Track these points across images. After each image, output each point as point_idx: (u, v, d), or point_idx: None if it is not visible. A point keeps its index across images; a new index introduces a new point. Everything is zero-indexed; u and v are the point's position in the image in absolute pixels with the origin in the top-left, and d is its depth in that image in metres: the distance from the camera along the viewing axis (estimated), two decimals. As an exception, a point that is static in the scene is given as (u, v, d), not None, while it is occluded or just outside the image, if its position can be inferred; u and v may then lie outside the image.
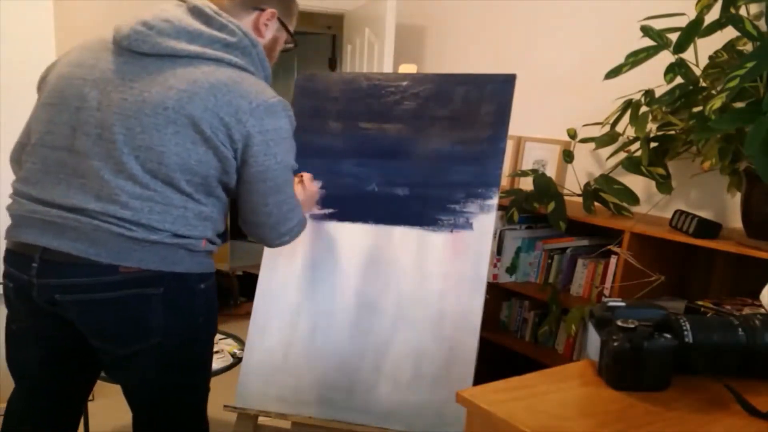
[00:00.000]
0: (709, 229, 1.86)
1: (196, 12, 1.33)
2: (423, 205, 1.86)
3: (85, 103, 1.29)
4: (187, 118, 1.25)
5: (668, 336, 0.99)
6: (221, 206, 1.39)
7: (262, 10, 1.41)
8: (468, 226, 1.80)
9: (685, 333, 1.01)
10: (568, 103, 2.65)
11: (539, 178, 2.31)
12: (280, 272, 1.92)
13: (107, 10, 3.20)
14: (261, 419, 1.88)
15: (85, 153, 1.28)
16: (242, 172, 1.34)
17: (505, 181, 2.67)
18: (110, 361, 1.40)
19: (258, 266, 1.95)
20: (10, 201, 1.38)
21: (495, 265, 2.45)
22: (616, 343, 0.98)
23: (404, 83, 1.98)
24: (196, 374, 1.47)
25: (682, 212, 1.95)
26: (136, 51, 1.29)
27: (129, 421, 1.48)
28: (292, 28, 1.51)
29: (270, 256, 1.94)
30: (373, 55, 3.23)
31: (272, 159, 1.32)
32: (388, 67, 3.09)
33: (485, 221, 1.80)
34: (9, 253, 1.37)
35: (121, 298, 1.30)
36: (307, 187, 1.72)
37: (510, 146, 2.77)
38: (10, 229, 1.36)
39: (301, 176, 1.72)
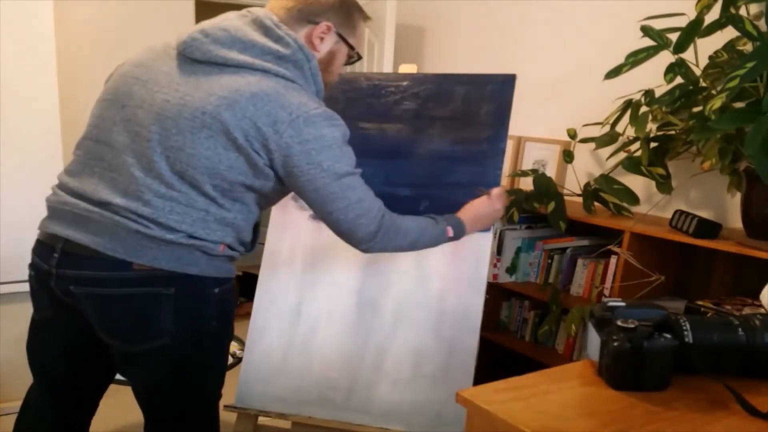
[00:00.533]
0: (709, 229, 1.86)
1: (257, 23, 1.34)
2: (423, 205, 1.86)
3: (131, 101, 1.32)
4: (221, 124, 1.26)
5: (668, 336, 0.99)
6: (248, 214, 1.39)
7: (317, 23, 1.39)
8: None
9: (685, 333, 1.01)
10: (568, 103, 2.65)
11: (539, 178, 2.31)
12: (280, 272, 1.92)
13: (107, 10, 3.20)
14: (261, 419, 1.88)
15: (121, 148, 1.31)
16: (291, 184, 1.35)
17: (505, 181, 2.67)
18: (120, 358, 1.41)
19: (258, 266, 1.95)
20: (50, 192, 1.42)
21: (495, 265, 2.45)
22: (616, 343, 0.98)
23: (404, 83, 1.98)
24: (206, 379, 1.46)
25: (682, 212, 1.95)
26: (189, 57, 1.32)
27: (129, 422, 1.48)
28: (354, 40, 1.48)
29: (270, 256, 1.94)
30: (373, 55, 3.23)
31: (317, 168, 1.31)
32: (388, 67, 3.09)
33: (485, 221, 1.80)
34: (37, 243, 1.41)
35: (133, 295, 1.31)
36: (487, 203, 1.68)
37: (510, 146, 2.77)
38: (43, 219, 1.39)
39: (489, 192, 1.69)
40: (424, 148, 1.91)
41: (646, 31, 1.92)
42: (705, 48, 1.93)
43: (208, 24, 1.34)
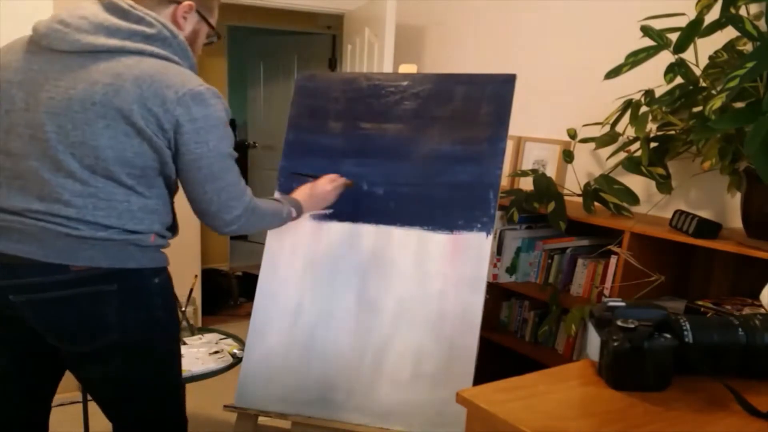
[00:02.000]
0: (709, 229, 1.86)
1: (112, 7, 1.32)
2: (423, 205, 1.86)
3: (14, 105, 1.30)
4: (116, 111, 1.26)
5: (668, 336, 0.99)
6: (165, 199, 1.40)
7: (179, 2, 1.40)
8: (468, 226, 1.80)
9: (685, 333, 1.01)
10: (568, 103, 2.65)
11: (539, 178, 2.31)
12: (280, 272, 1.92)
13: (107, 10, 3.19)
14: (261, 419, 1.88)
15: (21, 154, 1.29)
16: (177, 161, 1.35)
17: (505, 181, 2.67)
18: (71, 361, 1.40)
19: (258, 266, 1.95)
20: None
21: (495, 265, 2.45)
22: (616, 343, 0.98)
23: (404, 83, 1.98)
24: (163, 369, 1.47)
25: (682, 212, 1.95)
26: (56, 49, 1.30)
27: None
28: (213, 21, 1.50)
29: (270, 256, 1.94)
30: (373, 55, 3.23)
31: (204, 147, 1.33)
32: (388, 67, 3.09)
33: (485, 221, 1.80)
34: None
35: (75, 296, 1.30)
36: (318, 186, 1.75)
37: (510, 146, 2.77)
38: None
39: (319, 177, 1.77)
40: (424, 148, 1.91)
41: (646, 31, 1.92)
42: (705, 48, 1.93)
43: (63, 14, 1.31)
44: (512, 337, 2.59)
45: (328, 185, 1.79)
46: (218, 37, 1.54)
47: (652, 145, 2.12)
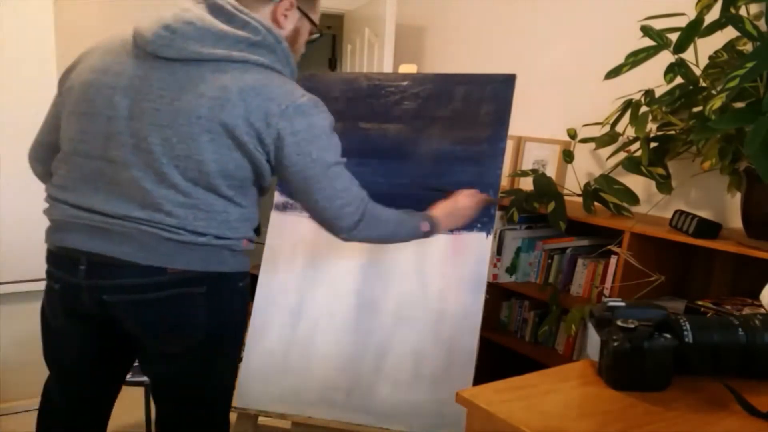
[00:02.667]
0: (709, 229, 1.86)
1: (217, 9, 1.30)
2: (423, 205, 1.85)
3: (117, 112, 1.29)
4: (221, 126, 1.25)
5: (668, 336, 0.99)
6: (256, 205, 1.43)
7: (279, 0, 1.37)
8: (468, 226, 1.80)
9: (685, 333, 1.01)
10: (568, 103, 2.65)
11: (539, 178, 2.31)
12: (280, 272, 1.92)
13: (107, 10, 3.20)
14: (261, 419, 1.88)
15: (123, 163, 1.29)
16: (281, 174, 1.36)
17: (505, 181, 2.67)
18: (153, 358, 1.43)
19: (258, 266, 1.95)
20: (47, 205, 1.40)
21: (495, 265, 2.45)
22: (616, 343, 0.98)
23: (404, 83, 1.98)
24: (226, 367, 1.51)
25: (682, 212, 1.95)
26: (161, 56, 1.28)
27: (131, 420, 1.48)
28: (315, 17, 1.47)
29: (270, 256, 1.94)
30: (373, 55, 3.23)
31: (307, 158, 1.32)
32: (388, 67, 3.09)
33: (485, 221, 1.80)
34: (53, 256, 1.39)
35: (168, 298, 1.32)
36: (459, 202, 1.70)
37: (510, 146, 2.77)
38: (52, 233, 1.38)
39: (460, 192, 1.72)
40: (424, 148, 1.91)
41: (646, 31, 1.92)
42: (705, 48, 1.93)
43: (169, 17, 1.28)
44: (512, 337, 2.59)
45: (470, 201, 1.72)
46: (321, 34, 1.52)
47: (652, 145, 2.12)
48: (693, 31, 1.83)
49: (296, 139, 1.30)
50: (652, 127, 2.12)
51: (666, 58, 1.92)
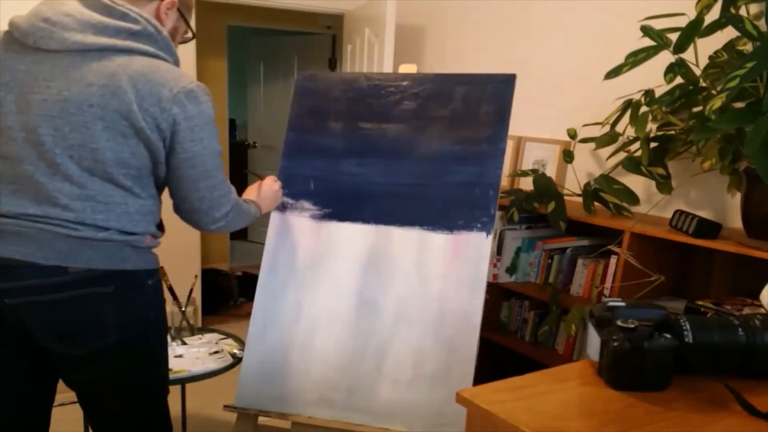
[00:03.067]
0: (709, 229, 1.86)
1: (93, 4, 1.30)
2: (423, 205, 1.86)
3: (3, 108, 1.28)
4: (115, 113, 1.25)
5: (668, 336, 0.99)
6: (157, 199, 1.41)
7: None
8: (468, 226, 1.80)
9: (685, 333, 1.01)
10: (568, 103, 2.65)
11: (539, 178, 2.31)
12: (280, 272, 1.92)
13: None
14: (261, 419, 1.87)
15: (15, 158, 1.27)
16: (170, 160, 1.35)
17: (505, 181, 2.67)
18: (67, 364, 1.39)
19: (258, 266, 1.95)
20: None
21: (495, 265, 2.45)
22: (616, 343, 0.98)
23: (404, 83, 1.98)
24: (153, 370, 1.48)
25: (682, 212, 1.95)
26: (43, 48, 1.27)
27: (128, 422, 1.47)
28: (191, 20, 1.49)
29: (270, 256, 1.94)
30: (373, 55, 3.23)
31: (199, 144, 1.33)
32: (388, 67, 3.09)
33: (485, 221, 1.80)
34: None
35: (73, 299, 1.29)
36: (265, 185, 1.75)
37: (510, 146, 2.77)
38: None
39: (262, 179, 1.77)
40: (424, 148, 1.91)
41: (646, 31, 1.92)
42: (705, 48, 1.93)
43: (46, 10, 1.27)
44: (512, 337, 2.59)
45: (275, 184, 1.79)
46: (193, 36, 1.54)
47: (652, 145, 2.12)
48: (693, 31, 1.83)
49: (190, 124, 1.31)
50: (652, 127, 2.12)
51: (666, 58, 1.92)
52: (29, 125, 1.26)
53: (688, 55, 1.91)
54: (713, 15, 1.83)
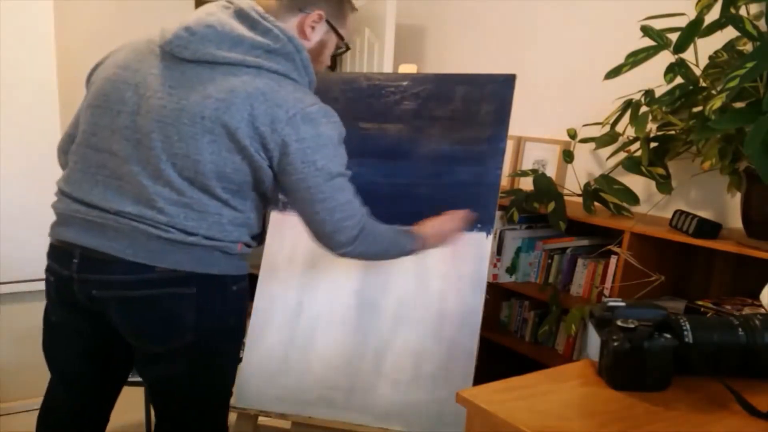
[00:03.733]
0: (709, 229, 1.86)
1: (242, 15, 1.31)
2: (423, 205, 1.86)
3: (125, 107, 1.30)
4: (223, 128, 1.25)
5: (668, 336, 0.99)
6: (258, 212, 1.41)
7: (308, 12, 1.37)
8: (468, 226, 1.80)
9: (685, 333, 1.01)
10: (568, 103, 2.65)
11: (539, 178, 2.31)
12: (280, 272, 1.92)
13: (107, 10, 3.20)
14: (261, 419, 1.88)
15: (124, 157, 1.30)
16: (283, 181, 1.34)
17: (505, 181, 2.67)
18: (144, 358, 1.42)
19: (258, 266, 1.95)
20: (49, 203, 1.41)
21: (495, 265, 2.45)
22: (616, 343, 0.98)
23: (404, 83, 1.98)
24: (221, 374, 1.49)
25: (682, 212, 1.95)
26: (178, 56, 1.29)
27: (130, 421, 1.48)
28: (344, 31, 1.47)
29: (270, 256, 1.94)
30: (373, 55, 3.23)
31: (311, 166, 1.30)
32: (388, 67, 3.09)
33: (485, 221, 1.80)
34: (52, 248, 1.41)
35: (156, 296, 1.32)
36: (449, 221, 1.68)
37: (510, 146, 2.77)
38: (54, 226, 1.39)
39: (452, 211, 1.70)
40: (424, 148, 1.91)
41: (646, 31, 1.92)
42: (705, 48, 1.93)
43: (192, 20, 1.30)
44: (512, 337, 2.58)
45: (456, 224, 1.70)
46: (347, 48, 1.51)
47: (652, 145, 2.12)
48: (693, 31, 1.83)
49: (302, 146, 1.29)
50: (652, 127, 2.12)
51: (666, 58, 1.92)
52: (144, 129, 1.28)
53: (688, 55, 1.91)
54: (713, 15, 1.83)
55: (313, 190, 1.33)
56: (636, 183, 2.28)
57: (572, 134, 2.42)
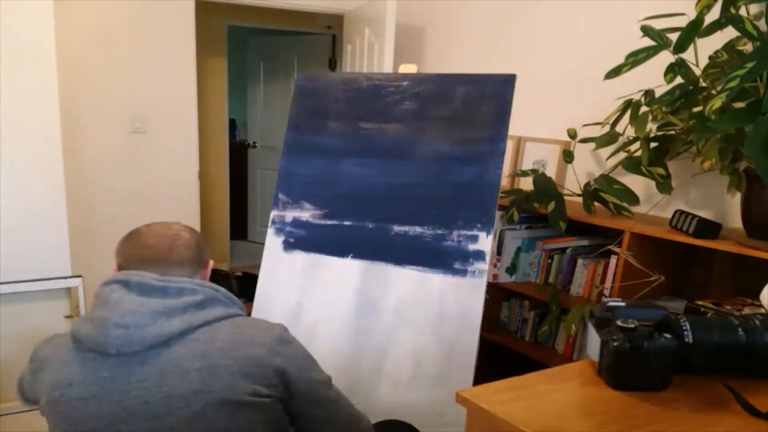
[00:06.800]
0: (709, 229, 1.86)
1: (146, 290, 1.23)
2: (423, 205, 1.86)
3: (100, 422, 1.19)
4: (220, 394, 1.19)
5: (668, 336, 0.98)
6: None
7: (205, 266, 1.37)
8: (468, 225, 1.80)
9: (685, 333, 1.01)
10: (568, 103, 2.65)
11: (539, 178, 2.31)
12: (280, 273, 1.92)
13: (107, 10, 3.20)
14: (261, 419, 1.87)
15: None
16: (298, 408, 1.30)
17: (505, 181, 2.67)
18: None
19: (258, 266, 1.95)
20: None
21: (495, 265, 2.45)
22: (616, 343, 0.98)
23: (404, 83, 1.98)
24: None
25: (682, 212, 1.95)
26: (126, 352, 1.19)
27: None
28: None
29: (270, 256, 1.94)
30: (373, 55, 3.23)
31: (313, 383, 1.29)
32: (388, 67, 3.09)
33: (485, 221, 1.80)
34: None
35: None
36: None
37: (510, 146, 2.77)
38: None
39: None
40: (424, 148, 1.91)
41: (646, 31, 1.92)
42: (705, 48, 1.93)
43: (110, 315, 1.19)
44: (512, 337, 2.59)
45: None
46: None
47: (652, 145, 2.12)
48: (693, 31, 1.83)
49: (296, 365, 1.27)
50: (652, 127, 2.12)
51: (666, 58, 1.92)
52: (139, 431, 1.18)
53: (688, 55, 1.91)
54: (713, 15, 1.83)
55: (326, 400, 1.31)
56: (636, 183, 2.29)
57: (572, 134, 2.42)
